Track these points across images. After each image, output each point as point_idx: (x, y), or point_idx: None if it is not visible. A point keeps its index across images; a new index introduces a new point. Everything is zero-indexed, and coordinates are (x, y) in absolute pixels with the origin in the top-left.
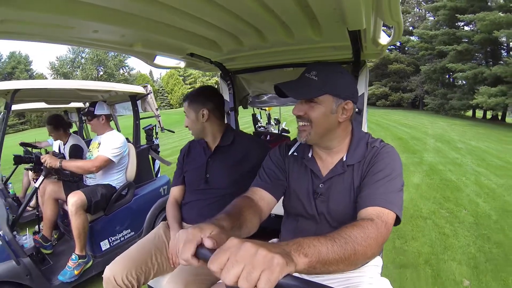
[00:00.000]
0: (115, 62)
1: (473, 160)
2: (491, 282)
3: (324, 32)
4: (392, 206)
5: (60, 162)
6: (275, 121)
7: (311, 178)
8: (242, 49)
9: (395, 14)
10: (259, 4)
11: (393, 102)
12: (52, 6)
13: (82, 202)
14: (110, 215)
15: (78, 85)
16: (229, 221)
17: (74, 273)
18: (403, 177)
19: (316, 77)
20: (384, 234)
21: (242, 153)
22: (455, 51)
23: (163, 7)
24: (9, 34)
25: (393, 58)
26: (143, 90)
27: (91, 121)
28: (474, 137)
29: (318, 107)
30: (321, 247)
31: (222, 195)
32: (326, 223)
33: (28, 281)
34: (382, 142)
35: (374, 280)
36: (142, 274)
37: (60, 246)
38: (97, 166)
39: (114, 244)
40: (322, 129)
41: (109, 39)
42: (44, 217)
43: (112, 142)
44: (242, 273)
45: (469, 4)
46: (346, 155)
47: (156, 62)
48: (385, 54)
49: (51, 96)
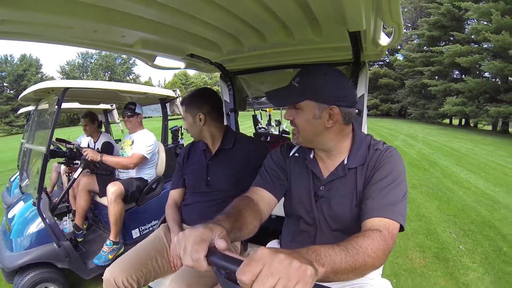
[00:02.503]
0: (123, 69)
1: (423, 145)
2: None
3: (324, 33)
4: (397, 217)
5: (101, 156)
6: (276, 122)
7: (312, 180)
8: (242, 50)
9: (395, 15)
10: (259, 4)
11: (382, 111)
12: (52, 6)
13: (121, 192)
14: (142, 206)
15: (120, 87)
16: (229, 223)
17: (109, 257)
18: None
19: (297, 84)
20: (390, 246)
21: (243, 155)
22: (430, 71)
23: (163, 7)
24: (9, 34)
25: (382, 73)
26: (173, 94)
27: (131, 117)
28: (435, 135)
29: (301, 113)
30: (335, 257)
31: (223, 197)
32: (326, 226)
33: (67, 263)
34: (385, 144)
35: (374, 281)
36: (142, 276)
37: (89, 235)
38: (134, 163)
39: (143, 233)
40: (308, 134)
41: (109, 39)
42: (77, 207)
43: (146, 140)
44: (277, 285)
45: (442, 33)
46: (347, 158)
47: (156, 63)
48: (376, 70)
49: (89, 97)
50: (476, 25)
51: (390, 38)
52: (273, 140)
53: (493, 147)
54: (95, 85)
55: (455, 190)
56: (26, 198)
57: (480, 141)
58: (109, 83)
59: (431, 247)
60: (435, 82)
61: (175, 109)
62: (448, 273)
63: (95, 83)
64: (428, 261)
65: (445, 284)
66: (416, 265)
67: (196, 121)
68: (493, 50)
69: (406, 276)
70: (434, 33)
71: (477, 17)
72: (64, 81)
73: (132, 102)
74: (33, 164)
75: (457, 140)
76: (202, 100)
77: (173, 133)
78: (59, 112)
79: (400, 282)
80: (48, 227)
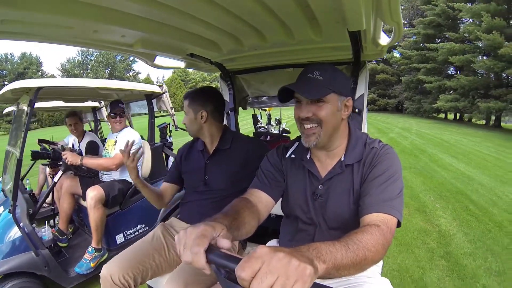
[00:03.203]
0: (123, 66)
1: (416, 137)
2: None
3: (324, 33)
4: (395, 212)
5: (81, 159)
6: (276, 121)
7: (310, 180)
8: (242, 50)
9: (395, 14)
10: (259, 4)
11: (380, 106)
12: (52, 6)
13: (101, 196)
14: (126, 209)
15: (99, 84)
16: (227, 221)
17: (90, 265)
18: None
19: (320, 77)
20: (389, 240)
21: (241, 155)
22: (426, 68)
23: (163, 7)
24: (9, 34)
25: (380, 69)
26: (159, 90)
27: (122, 117)
28: (428, 128)
29: (326, 106)
30: (336, 253)
31: (222, 196)
32: (324, 225)
33: (46, 272)
34: (381, 142)
35: (374, 280)
36: (139, 274)
37: (75, 240)
38: (117, 164)
39: (128, 238)
40: (331, 127)
41: (109, 39)
42: (60, 211)
43: (129, 139)
44: (276, 283)
45: (438, 31)
46: (344, 155)
47: (156, 63)
48: (373, 66)
49: (70, 95)
50: (468, 26)
51: (390, 37)
52: (273, 139)
53: (481, 139)
54: (71, 83)
55: (438, 171)
56: (7, 203)
57: (471, 134)
58: (86, 80)
59: (414, 205)
60: (430, 78)
61: (162, 106)
62: (425, 219)
63: (71, 81)
64: (411, 212)
65: (423, 224)
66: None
67: (198, 118)
68: (484, 49)
69: None
70: (429, 32)
71: (470, 17)
72: (36, 80)
73: (120, 101)
74: (10, 168)
75: (448, 133)
76: (207, 98)
77: (161, 131)
78: (31, 113)
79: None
80: (25, 235)
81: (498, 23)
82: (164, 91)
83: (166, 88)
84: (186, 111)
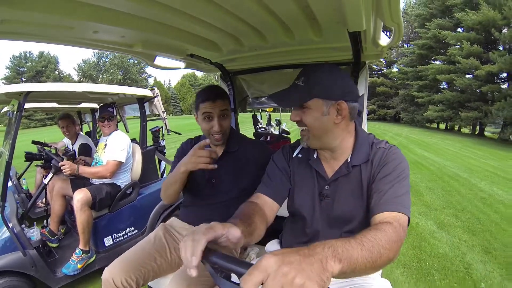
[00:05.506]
0: (136, 69)
1: (403, 139)
2: None
3: (324, 33)
4: (405, 210)
5: (77, 170)
6: (276, 122)
7: (317, 180)
8: (242, 50)
9: (395, 15)
10: (259, 4)
11: (379, 116)
12: (52, 7)
13: (87, 199)
14: (115, 212)
15: (86, 88)
16: (243, 227)
17: (77, 266)
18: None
19: (303, 83)
20: (402, 237)
21: (248, 158)
22: (418, 85)
23: (163, 7)
24: (9, 34)
25: (380, 82)
26: (150, 93)
27: (111, 121)
28: (416, 134)
29: (309, 111)
30: (352, 251)
31: (228, 199)
32: (330, 225)
33: (33, 272)
34: (388, 143)
35: (375, 281)
36: (141, 276)
37: (66, 241)
38: (111, 172)
39: (117, 241)
40: (318, 131)
41: (109, 39)
42: (51, 212)
43: (119, 144)
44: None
45: (430, 52)
46: (350, 156)
47: (156, 63)
48: (373, 79)
49: (62, 97)
50: (453, 50)
51: (390, 38)
52: (273, 140)
53: (455, 142)
54: (59, 88)
55: (416, 160)
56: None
57: (451, 139)
58: (74, 85)
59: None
60: (421, 94)
61: (154, 109)
62: (415, 196)
63: (59, 85)
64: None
65: (414, 199)
66: None
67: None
68: (464, 70)
69: None
70: (423, 52)
71: (454, 43)
72: (25, 85)
73: (109, 105)
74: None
75: (432, 138)
76: (227, 97)
77: (153, 134)
78: (21, 116)
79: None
80: (13, 235)
81: (476, 49)
82: (155, 95)
83: (158, 92)
84: (224, 111)
